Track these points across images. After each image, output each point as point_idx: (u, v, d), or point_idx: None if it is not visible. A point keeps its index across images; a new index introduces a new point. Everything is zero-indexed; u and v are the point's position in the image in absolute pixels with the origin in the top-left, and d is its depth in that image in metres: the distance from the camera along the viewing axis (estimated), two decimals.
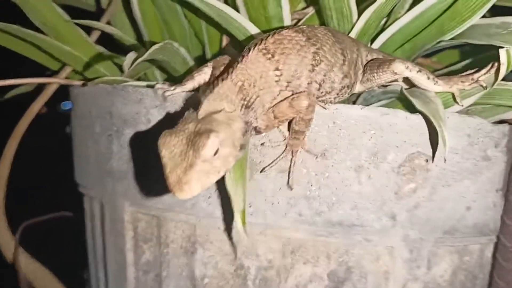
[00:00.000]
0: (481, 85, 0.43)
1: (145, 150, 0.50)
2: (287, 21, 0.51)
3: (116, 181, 0.53)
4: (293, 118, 0.42)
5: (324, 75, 0.43)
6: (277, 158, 0.45)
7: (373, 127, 0.45)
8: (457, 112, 0.47)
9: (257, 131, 0.42)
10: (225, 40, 0.58)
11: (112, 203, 0.54)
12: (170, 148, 0.36)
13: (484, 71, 0.44)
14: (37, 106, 0.64)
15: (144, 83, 0.51)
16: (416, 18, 0.51)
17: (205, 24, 0.59)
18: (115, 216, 0.54)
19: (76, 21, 0.57)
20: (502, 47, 0.41)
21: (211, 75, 0.44)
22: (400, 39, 0.53)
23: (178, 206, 0.49)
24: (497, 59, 0.43)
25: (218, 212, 0.48)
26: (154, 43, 0.58)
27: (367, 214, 0.46)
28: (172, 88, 0.47)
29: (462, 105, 0.45)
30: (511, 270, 0.51)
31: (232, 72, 0.40)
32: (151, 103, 0.49)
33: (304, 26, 0.44)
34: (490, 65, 0.43)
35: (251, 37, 0.50)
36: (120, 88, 0.52)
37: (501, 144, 0.49)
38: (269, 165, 0.45)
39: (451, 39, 0.50)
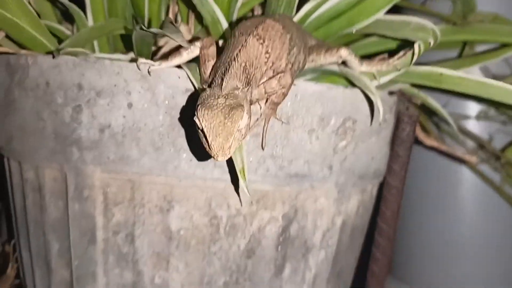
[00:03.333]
0: (397, 68, 0.59)
1: (124, 118, 0.54)
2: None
3: (84, 149, 0.56)
4: (274, 92, 0.52)
5: (295, 57, 0.54)
6: (253, 125, 0.54)
7: (322, 98, 0.58)
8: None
9: (250, 102, 0.51)
10: (170, 10, 0.63)
11: (77, 171, 0.57)
12: (209, 120, 0.43)
13: (396, 57, 0.60)
14: None
15: (123, 56, 0.54)
16: (330, 8, 0.65)
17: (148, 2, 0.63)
18: (82, 183, 0.57)
19: None
20: (415, 41, 0.57)
21: (204, 54, 0.51)
22: (317, 25, 0.66)
23: (159, 169, 0.55)
24: (400, 49, 0.60)
25: (199, 172, 0.55)
26: (95, 16, 0.61)
27: (314, 166, 0.59)
28: (157, 63, 0.52)
29: (380, 82, 0.60)
30: (394, 201, 0.70)
31: (238, 55, 0.48)
32: (132, 76, 0.53)
33: (276, 15, 0.53)
34: (402, 53, 0.60)
35: (215, 19, 0.58)
36: (93, 60, 0.54)
37: (392, 110, 0.67)
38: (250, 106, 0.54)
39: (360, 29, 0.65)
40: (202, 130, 0.44)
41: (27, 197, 0.62)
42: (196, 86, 0.52)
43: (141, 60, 0.52)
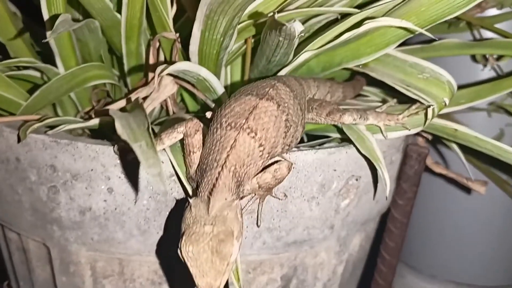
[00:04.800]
0: (406, 127, 0.53)
1: (105, 202, 0.49)
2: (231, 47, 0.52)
3: (66, 229, 0.52)
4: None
5: (292, 137, 0.47)
6: (246, 205, 0.49)
7: (322, 165, 0.52)
8: None
9: (242, 197, 0.46)
10: (152, 58, 0.56)
11: (61, 248, 0.53)
12: (194, 257, 0.39)
13: (407, 113, 0.53)
14: None
15: (98, 141, 0.48)
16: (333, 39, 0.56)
17: (124, 40, 0.55)
18: (67, 259, 0.54)
19: None
20: (430, 105, 0.50)
21: (188, 144, 0.45)
22: (318, 52, 0.58)
23: (148, 251, 0.52)
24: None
25: None
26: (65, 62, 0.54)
27: (314, 230, 0.55)
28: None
29: (385, 137, 0.54)
30: (399, 235, 0.67)
31: (225, 161, 0.42)
32: (110, 161, 0.48)
33: (271, 90, 0.46)
34: (414, 109, 0.53)
35: (200, 79, 0.50)
36: (65, 143, 0.48)
37: (400, 149, 0.61)
38: (241, 209, 0.49)
39: (365, 64, 0.57)
40: (186, 266, 0.39)
41: (13, 255, 0.60)
42: (180, 175, 0.47)
43: (117, 147, 0.47)
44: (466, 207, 0.77)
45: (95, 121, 0.50)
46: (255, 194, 0.49)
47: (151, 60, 0.56)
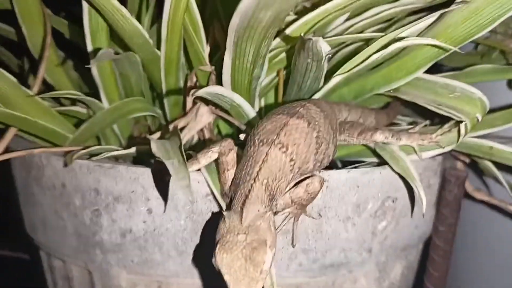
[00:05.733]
0: (440, 146, 0.53)
1: (144, 223, 0.51)
2: (263, 77, 0.54)
3: (107, 252, 0.53)
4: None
5: (324, 154, 0.48)
6: (281, 224, 0.50)
7: (356, 185, 0.52)
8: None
9: (275, 213, 0.47)
10: (189, 82, 0.59)
11: (103, 272, 0.55)
12: (228, 265, 0.40)
13: (440, 132, 0.53)
14: None
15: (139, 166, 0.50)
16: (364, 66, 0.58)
17: (164, 76, 0.58)
18: (109, 284, 0.55)
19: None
20: (462, 120, 0.50)
21: (223, 162, 0.47)
22: (349, 78, 0.59)
23: (185, 272, 0.52)
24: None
25: None
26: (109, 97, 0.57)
27: (351, 253, 0.55)
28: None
29: (421, 158, 0.54)
30: (442, 263, 0.65)
31: (258, 174, 0.43)
32: (150, 182, 0.50)
33: (301, 109, 0.48)
34: (447, 127, 0.53)
35: (234, 105, 0.53)
36: (108, 167, 0.51)
37: (437, 172, 0.61)
38: (276, 229, 0.50)
39: (397, 89, 0.58)
40: (221, 275, 0.40)
41: (57, 284, 0.61)
42: (215, 193, 0.48)
43: (156, 169, 0.49)
44: None
45: (134, 149, 0.53)
46: (289, 214, 0.50)
47: (189, 100, 0.59)
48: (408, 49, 0.55)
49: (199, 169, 0.49)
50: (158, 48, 0.56)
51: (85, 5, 0.51)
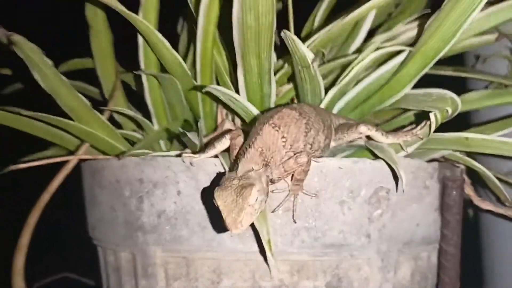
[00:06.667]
0: (420, 137, 0.62)
1: (175, 204, 0.64)
2: (274, 97, 0.68)
3: (147, 233, 0.66)
4: (295, 170, 0.58)
5: (314, 138, 0.60)
6: (283, 201, 0.60)
7: (349, 172, 0.62)
8: (403, 156, 0.66)
9: (272, 181, 0.58)
10: (219, 116, 0.74)
11: (143, 252, 0.66)
12: (223, 199, 0.51)
13: (419, 127, 0.63)
14: (57, 181, 0.75)
15: (172, 153, 0.65)
16: (362, 90, 0.71)
17: (201, 103, 0.74)
18: (147, 262, 0.66)
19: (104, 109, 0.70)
20: (431, 111, 0.60)
21: (232, 144, 0.60)
22: (352, 106, 0.72)
23: (206, 246, 0.63)
24: (424, 117, 0.63)
25: (240, 247, 0.62)
26: (159, 121, 0.73)
27: (350, 236, 0.63)
28: (197, 155, 0.62)
29: (407, 152, 0.64)
30: (451, 268, 0.70)
31: (253, 142, 0.56)
32: (179, 168, 0.64)
33: (295, 105, 0.61)
34: (423, 123, 0.63)
35: (249, 113, 0.67)
36: (149, 159, 0.65)
37: (434, 176, 0.68)
38: (277, 206, 0.60)
39: (390, 104, 0.69)
40: (218, 208, 0.51)
41: (110, 277, 0.73)
42: (226, 169, 0.60)
43: (185, 154, 0.62)
44: None
45: (175, 152, 0.67)
46: (289, 192, 0.60)
47: (219, 118, 0.75)
48: (395, 73, 0.67)
49: (216, 156, 0.62)
50: (195, 79, 0.73)
51: (140, 40, 0.70)
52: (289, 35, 0.57)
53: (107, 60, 0.80)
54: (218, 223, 0.62)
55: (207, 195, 0.63)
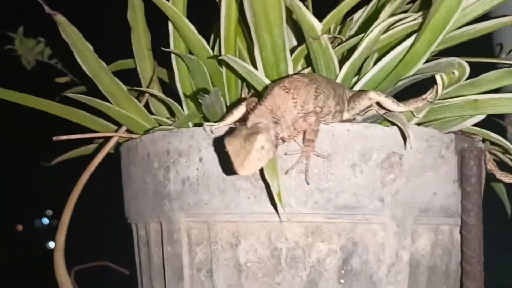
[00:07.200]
0: (429, 101, 0.65)
1: (197, 170, 0.68)
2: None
3: (172, 200, 0.70)
4: (305, 131, 0.62)
5: (323, 102, 0.63)
6: (296, 162, 0.64)
7: (360, 136, 0.65)
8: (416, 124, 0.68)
9: (282, 140, 0.61)
10: (243, 93, 0.79)
11: (169, 219, 0.71)
12: (232, 145, 0.55)
13: (428, 93, 0.65)
14: (97, 160, 0.82)
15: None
16: (380, 70, 0.74)
17: (226, 85, 0.80)
18: (172, 228, 0.70)
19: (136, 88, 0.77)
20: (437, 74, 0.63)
21: (248, 110, 0.64)
22: (371, 86, 0.75)
23: (225, 208, 0.67)
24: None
25: (256, 208, 0.65)
26: (189, 106, 0.79)
27: (363, 198, 0.65)
28: (217, 123, 0.67)
29: (419, 117, 0.66)
30: (473, 239, 0.69)
31: (264, 101, 0.60)
32: (201, 136, 0.69)
33: (307, 73, 0.65)
34: (432, 88, 0.65)
35: (266, 87, 0.71)
36: (175, 130, 0.71)
37: (450, 147, 0.69)
38: (290, 168, 0.64)
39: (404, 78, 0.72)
40: (228, 153, 0.55)
41: (141, 251, 0.78)
42: None
43: (206, 124, 0.68)
44: None
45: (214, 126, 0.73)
46: (302, 153, 0.63)
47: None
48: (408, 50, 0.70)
49: (234, 123, 0.67)
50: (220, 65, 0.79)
51: (170, 28, 0.77)
52: (295, 2, 0.62)
53: (145, 57, 0.89)
54: (236, 186, 0.66)
55: (226, 161, 0.67)
